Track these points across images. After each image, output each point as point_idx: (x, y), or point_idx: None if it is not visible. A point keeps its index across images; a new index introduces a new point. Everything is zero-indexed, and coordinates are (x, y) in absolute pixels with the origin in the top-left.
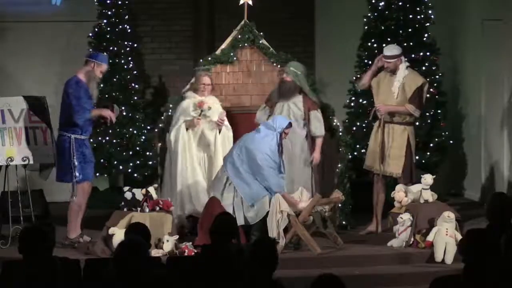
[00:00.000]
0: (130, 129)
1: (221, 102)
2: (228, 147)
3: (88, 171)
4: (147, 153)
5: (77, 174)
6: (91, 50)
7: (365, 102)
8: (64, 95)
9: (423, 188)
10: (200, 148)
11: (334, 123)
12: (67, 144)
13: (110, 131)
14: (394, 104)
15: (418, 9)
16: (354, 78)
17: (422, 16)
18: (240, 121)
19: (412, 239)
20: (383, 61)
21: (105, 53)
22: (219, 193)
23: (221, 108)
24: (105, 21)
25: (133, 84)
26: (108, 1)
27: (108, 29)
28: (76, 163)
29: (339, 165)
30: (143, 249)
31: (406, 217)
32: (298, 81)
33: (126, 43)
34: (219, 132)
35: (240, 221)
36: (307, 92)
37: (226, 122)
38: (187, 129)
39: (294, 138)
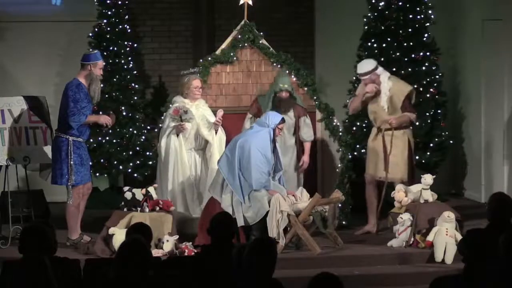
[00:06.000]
0: (130, 129)
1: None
2: (223, 149)
3: (84, 174)
4: (147, 153)
5: (73, 177)
6: (84, 53)
7: None
8: (64, 96)
9: (423, 188)
10: (194, 151)
11: (334, 123)
12: (64, 146)
13: (110, 131)
14: (387, 118)
15: (418, 9)
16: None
17: (422, 16)
18: (240, 121)
19: (412, 239)
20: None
21: (96, 50)
22: (218, 195)
23: (209, 111)
24: (105, 21)
25: (133, 84)
26: (108, 1)
27: (108, 29)
28: (73, 165)
29: (339, 165)
30: (145, 249)
31: (406, 217)
32: (293, 93)
33: (126, 43)
34: (216, 132)
35: (240, 222)
36: (297, 100)
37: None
38: (177, 135)
39: (285, 146)
